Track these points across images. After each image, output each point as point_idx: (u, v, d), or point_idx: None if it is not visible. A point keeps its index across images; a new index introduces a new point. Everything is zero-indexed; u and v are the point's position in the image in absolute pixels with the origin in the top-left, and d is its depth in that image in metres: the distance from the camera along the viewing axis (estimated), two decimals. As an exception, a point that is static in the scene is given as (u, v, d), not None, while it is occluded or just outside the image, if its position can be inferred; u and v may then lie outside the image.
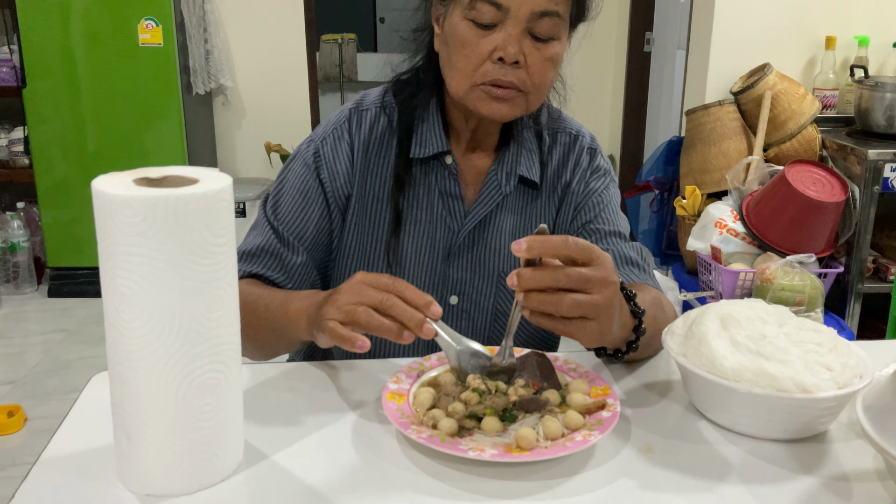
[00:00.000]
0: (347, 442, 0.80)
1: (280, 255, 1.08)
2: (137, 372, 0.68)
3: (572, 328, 0.79)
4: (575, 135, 1.17)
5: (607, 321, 0.79)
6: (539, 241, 0.75)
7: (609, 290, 0.78)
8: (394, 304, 0.79)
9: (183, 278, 0.66)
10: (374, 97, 1.14)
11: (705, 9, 2.85)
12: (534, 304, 0.77)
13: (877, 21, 2.82)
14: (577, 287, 0.77)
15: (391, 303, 0.80)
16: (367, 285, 0.82)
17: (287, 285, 1.08)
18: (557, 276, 0.76)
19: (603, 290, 0.77)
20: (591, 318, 0.78)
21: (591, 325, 0.78)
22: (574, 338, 0.80)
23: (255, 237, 1.10)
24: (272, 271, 1.08)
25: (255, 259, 1.08)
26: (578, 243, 0.77)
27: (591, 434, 0.76)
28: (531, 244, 0.75)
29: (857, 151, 2.47)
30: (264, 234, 1.09)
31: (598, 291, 0.77)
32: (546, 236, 0.76)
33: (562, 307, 0.76)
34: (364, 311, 0.80)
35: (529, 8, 0.96)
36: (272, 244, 1.08)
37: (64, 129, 3.48)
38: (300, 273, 1.09)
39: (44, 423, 2.50)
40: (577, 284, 0.76)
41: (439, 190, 1.11)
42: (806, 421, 0.80)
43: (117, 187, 0.66)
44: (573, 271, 0.76)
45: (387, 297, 0.80)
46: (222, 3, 3.89)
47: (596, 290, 0.77)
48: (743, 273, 2.30)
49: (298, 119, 4.10)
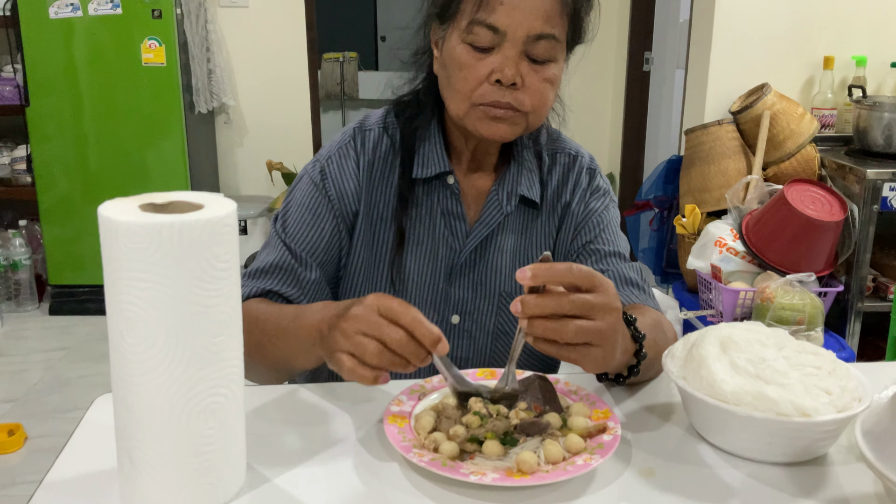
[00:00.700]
0: (349, 465, 0.80)
1: (294, 270, 1.08)
2: (141, 396, 0.68)
3: (576, 354, 0.79)
4: (574, 155, 1.19)
5: (611, 347, 0.80)
6: (543, 269, 0.76)
7: (612, 316, 0.78)
8: (403, 343, 0.78)
9: (187, 303, 0.66)
10: (376, 118, 1.15)
11: (704, 29, 2.88)
12: (538, 330, 0.77)
13: (874, 41, 2.84)
14: (581, 313, 0.77)
15: (400, 340, 0.78)
16: (379, 314, 0.79)
17: (301, 301, 1.08)
18: (562, 303, 0.76)
19: (606, 317, 0.78)
20: (595, 344, 0.78)
21: (595, 352, 0.79)
22: (578, 364, 0.80)
23: (267, 255, 1.10)
24: (286, 287, 1.08)
25: (269, 276, 1.08)
26: (582, 270, 0.77)
27: (592, 458, 0.77)
28: (536, 272, 0.75)
29: (856, 171, 2.48)
30: (277, 251, 1.09)
31: (601, 318, 0.77)
32: (550, 263, 0.76)
33: (566, 334, 0.77)
34: (374, 349, 0.78)
35: (525, 31, 0.98)
36: (286, 260, 1.08)
37: (66, 147, 3.50)
38: (314, 289, 1.09)
39: (44, 441, 2.50)
40: (581, 311, 0.77)
41: (441, 210, 1.11)
42: (805, 444, 0.80)
43: (123, 213, 0.66)
44: (577, 298, 0.77)
45: (396, 332, 0.78)
46: (225, 22, 3.92)
47: (599, 316, 0.77)
48: (743, 292, 2.31)
49: (300, 137, 4.13)
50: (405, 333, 0.78)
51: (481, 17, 0.98)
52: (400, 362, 0.78)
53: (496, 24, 0.97)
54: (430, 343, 0.78)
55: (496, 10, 0.97)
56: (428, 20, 1.08)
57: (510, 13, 0.97)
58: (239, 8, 3.93)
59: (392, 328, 0.78)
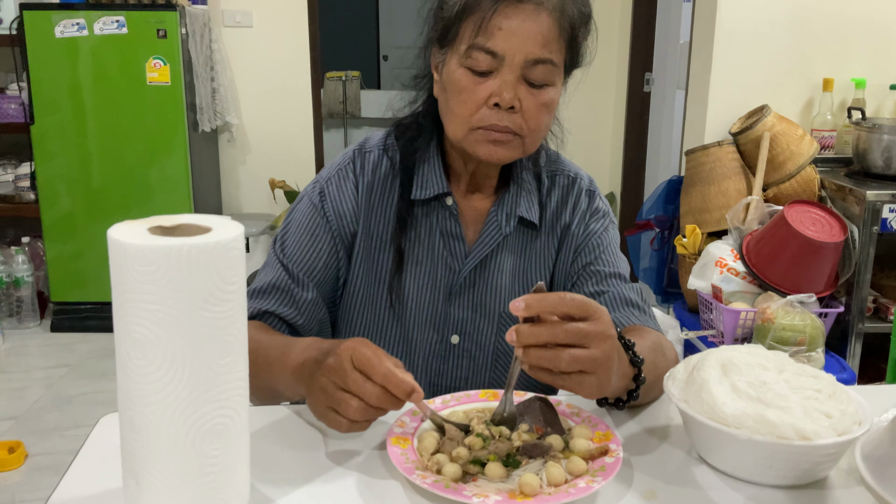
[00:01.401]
0: (352, 485, 0.81)
1: (290, 291, 1.10)
2: (148, 417, 0.69)
3: (571, 383, 0.79)
4: (573, 177, 1.20)
5: (606, 374, 0.80)
6: (537, 300, 0.77)
7: (607, 343, 0.79)
8: (380, 399, 0.81)
9: (195, 325, 0.67)
10: (376, 140, 1.17)
11: (704, 50, 2.90)
12: (533, 359, 0.78)
13: (874, 64, 2.86)
14: (575, 342, 0.77)
15: (377, 396, 0.81)
16: (353, 366, 0.82)
17: (298, 321, 1.10)
18: (556, 332, 0.77)
19: (601, 345, 0.78)
20: (589, 372, 0.78)
21: (589, 379, 0.79)
22: (573, 392, 0.81)
23: (265, 275, 1.12)
24: (283, 307, 1.09)
25: (266, 296, 1.10)
26: (575, 300, 0.78)
27: (594, 480, 0.77)
28: (529, 303, 0.76)
29: (856, 192, 2.49)
30: (275, 271, 1.11)
31: (596, 346, 0.78)
32: (543, 294, 0.77)
33: (560, 363, 0.77)
34: (356, 406, 0.81)
35: (524, 55, 0.99)
36: (283, 281, 1.10)
37: (70, 165, 3.52)
38: (310, 309, 1.11)
39: (45, 459, 2.49)
40: (575, 339, 0.77)
41: (440, 230, 1.13)
42: (806, 468, 0.80)
43: (132, 236, 0.67)
44: (571, 327, 0.77)
45: (372, 388, 0.81)
46: (229, 42, 3.96)
47: (594, 344, 0.78)
48: (744, 312, 2.31)
49: (303, 155, 4.15)
50: (380, 389, 0.81)
51: (480, 42, 0.99)
52: (381, 412, 0.83)
53: (495, 48, 0.99)
54: (403, 396, 0.81)
55: (495, 35, 0.99)
56: (428, 44, 1.10)
57: (508, 38, 0.99)
58: (243, 28, 3.97)
59: (368, 384, 0.81)
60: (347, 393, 0.82)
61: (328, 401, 0.84)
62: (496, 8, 0.98)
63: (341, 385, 0.82)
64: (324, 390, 0.84)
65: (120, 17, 3.38)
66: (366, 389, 0.81)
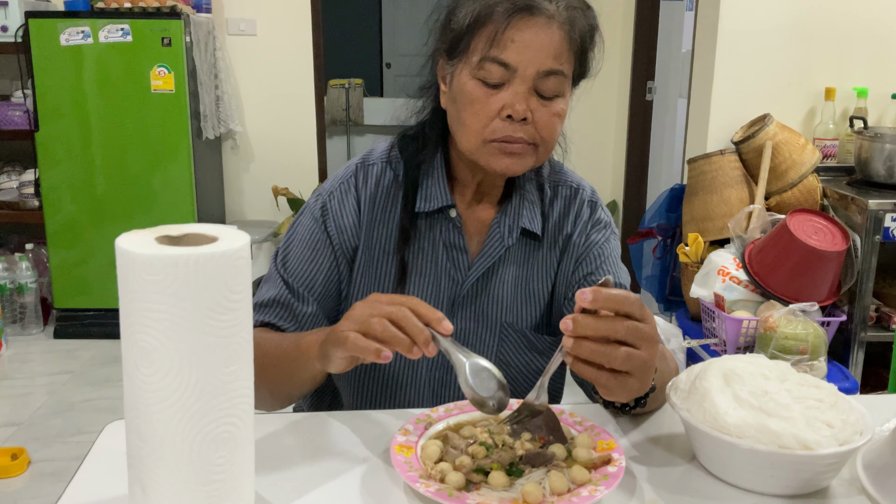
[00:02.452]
0: (356, 494, 0.81)
1: (291, 305, 1.11)
2: (154, 425, 0.69)
3: (615, 382, 0.79)
4: (576, 188, 1.20)
5: (647, 378, 0.80)
6: (604, 293, 0.76)
7: (654, 348, 0.80)
8: (406, 317, 0.82)
9: (201, 334, 0.68)
10: (380, 152, 1.17)
11: (706, 59, 2.91)
12: (585, 352, 0.77)
13: (875, 73, 2.87)
14: (631, 341, 0.77)
15: (403, 314, 0.82)
16: (381, 302, 0.85)
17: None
18: (616, 327, 0.77)
19: (650, 348, 0.79)
20: (635, 374, 0.78)
21: (632, 382, 0.79)
22: (611, 390, 0.80)
23: (267, 290, 1.13)
24: (283, 321, 1.11)
25: (267, 310, 1.11)
26: (638, 300, 0.78)
27: (596, 489, 0.77)
28: (597, 295, 0.76)
29: (858, 201, 2.50)
30: (276, 286, 1.12)
31: (646, 348, 0.78)
32: (610, 289, 0.77)
33: (615, 360, 0.77)
34: (378, 322, 0.83)
35: (536, 67, 1.00)
36: (283, 296, 1.11)
37: (74, 172, 3.53)
38: (310, 322, 1.12)
39: (48, 465, 2.49)
40: (633, 339, 0.77)
41: (444, 242, 1.13)
42: (808, 477, 0.81)
43: (140, 245, 0.68)
44: (631, 324, 0.77)
45: (399, 309, 0.83)
46: (233, 50, 3.97)
47: (645, 346, 0.78)
48: (746, 321, 2.32)
49: (306, 163, 4.16)
50: (409, 310, 0.83)
51: (493, 54, 1.00)
52: (404, 339, 0.82)
53: (508, 60, 1.00)
54: (433, 320, 0.82)
55: (508, 47, 0.99)
56: (435, 55, 1.11)
57: (521, 50, 0.99)
58: (247, 36, 3.99)
59: (396, 306, 0.83)
60: (373, 316, 0.84)
61: (351, 324, 0.85)
62: (509, 21, 0.99)
63: (368, 312, 0.84)
64: (349, 318, 0.86)
65: (125, 25, 3.39)
66: (392, 309, 0.83)
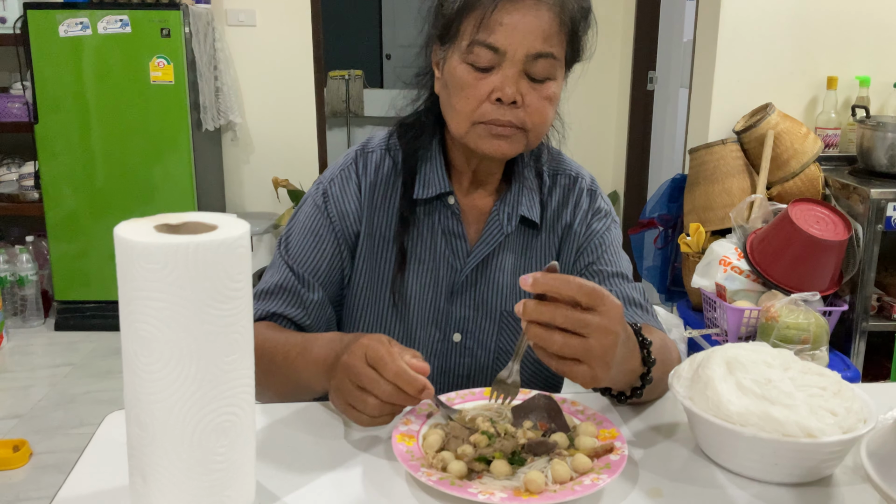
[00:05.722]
0: (358, 483, 0.81)
1: (297, 291, 1.11)
2: (154, 414, 0.69)
3: (563, 367, 0.80)
4: (574, 177, 1.20)
5: (601, 368, 0.80)
6: (543, 278, 0.78)
7: (608, 339, 0.79)
8: (393, 396, 0.84)
9: (201, 323, 0.67)
10: (379, 140, 1.17)
11: (708, 48, 2.90)
12: (531, 335, 0.79)
13: (878, 62, 2.86)
14: (573, 329, 0.78)
15: (390, 394, 0.83)
16: (367, 363, 0.85)
17: (306, 322, 1.11)
18: (555, 314, 0.78)
19: (601, 338, 0.78)
20: (584, 361, 0.79)
21: (581, 369, 0.79)
22: (566, 376, 0.82)
23: (271, 276, 1.13)
24: (290, 308, 1.10)
25: (273, 297, 1.11)
26: (584, 287, 0.78)
27: (599, 477, 0.77)
28: (536, 279, 0.78)
29: (860, 190, 2.49)
30: (281, 272, 1.12)
31: (595, 338, 0.78)
32: (552, 274, 0.78)
33: (552, 345, 0.78)
34: (373, 403, 0.84)
35: (525, 50, 1.00)
36: (289, 281, 1.11)
37: (74, 164, 3.53)
38: (317, 310, 1.12)
39: (49, 457, 2.50)
40: (573, 326, 0.78)
41: (442, 229, 1.13)
42: (811, 465, 0.81)
43: (139, 234, 0.67)
44: (571, 313, 0.78)
45: (386, 386, 0.83)
46: (232, 41, 3.96)
47: (594, 336, 0.78)
48: (748, 311, 2.31)
49: (306, 154, 4.15)
50: (393, 386, 0.83)
51: (481, 38, 1.00)
52: (399, 409, 0.86)
53: (496, 44, 0.99)
54: (415, 393, 0.83)
55: (496, 30, 0.99)
56: (429, 42, 1.11)
57: (510, 33, 0.99)
58: (246, 27, 3.97)
59: (381, 382, 0.83)
60: (363, 391, 0.84)
61: (346, 398, 0.86)
62: (497, 4, 0.99)
63: (357, 383, 0.85)
64: (340, 388, 0.87)
65: (123, 16, 3.38)
66: (379, 387, 0.83)
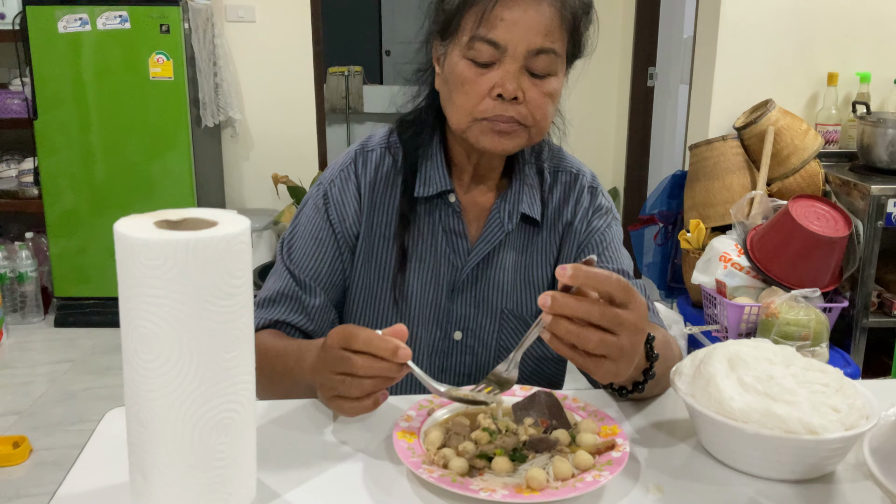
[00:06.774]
0: (359, 480, 0.81)
1: (299, 298, 1.10)
2: (155, 411, 0.69)
3: (591, 364, 0.78)
4: (575, 174, 1.19)
5: (626, 365, 0.79)
6: (584, 271, 0.75)
7: (637, 336, 0.78)
8: (369, 366, 0.82)
9: (201, 319, 0.67)
10: (379, 138, 1.17)
11: (708, 45, 2.89)
12: (560, 331, 0.76)
13: (878, 58, 2.85)
14: (609, 327, 0.76)
15: (365, 365, 0.82)
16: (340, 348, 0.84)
17: (309, 327, 1.11)
18: (592, 311, 0.75)
19: (631, 336, 0.77)
20: (611, 358, 0.77)
21: (609, 365, 0.78)
22: (588, 372, 0.80)
23: (273, 283, 1.13)
24: (293, 315, 1.10)
25: (276, 305, 1.11)
26: (621, 283, 0.76)
27: (601, 474, 0.77)
28: (576, 272, 0.74)
29: (860, 187, 2.48)
30: (282, 279, 1.12)
31: (626, 335, 0.77)
32: (591, 268, 0.75)
33: (588, 343, 0.76)
34: (351, 383, 0.83)
35: (526, 46, 0.99)
36: (291, 288, 1.11)
37: (74, 160, 3.52)
38: (320, 315, 1.12)
39: (49, 454, 2.49)
40: (610, 324, 0.76)
41: (443, 227, 1.13)
42: (814, 462, 0.80)
43: (139, 230, 0.67)
44: (609, 310, 0.76)
45: (358, 359, 0.82)
46: (232, 37, 3.95)
47: (625, 333, 0.76)
48: (748, 307, 2.31)
49: (306, 151, 4.14)
50: (367, 356, 0.82)
51: (482, 33, 0.99)
52: (380, 382, 0.83)
53: (497, 39, 0.99)
54: (389, 356, 0.81)
55: (497, 26, 0.99)
56: (429, 37, 1.10)
57: (511, 29, 0.98)
58: (246, 23, 3.97)
59: (355, 357, 0.82)
60: (341, 374, 0.83)
61: (330, 389, 0.86)
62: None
63: (334, 370, 0.84)
64: (323, 382, 0.87)
65: (123, 12, 3.37)
66: (353, 363, 0.82)
